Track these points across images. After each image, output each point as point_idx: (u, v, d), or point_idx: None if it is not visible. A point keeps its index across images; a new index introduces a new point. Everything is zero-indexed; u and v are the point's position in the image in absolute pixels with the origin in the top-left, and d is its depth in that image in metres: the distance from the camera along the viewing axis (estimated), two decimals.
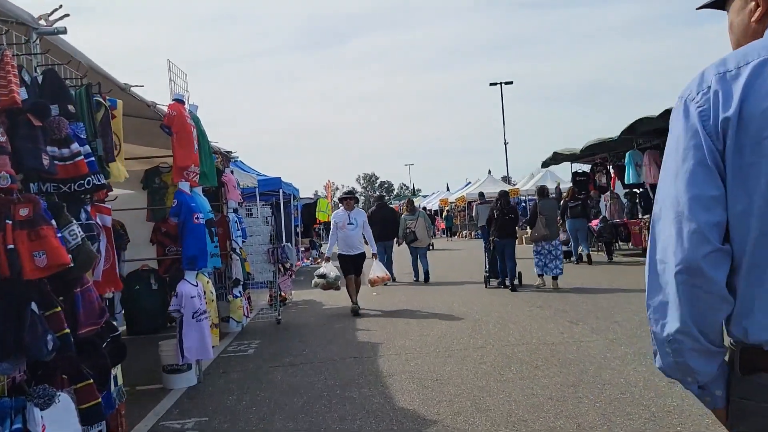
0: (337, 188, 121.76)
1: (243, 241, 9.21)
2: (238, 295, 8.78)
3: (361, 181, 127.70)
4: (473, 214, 28.70)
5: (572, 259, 16.27)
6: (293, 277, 12.14)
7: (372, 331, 8.66)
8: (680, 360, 1.43)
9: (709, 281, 1.36)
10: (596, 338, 7.35)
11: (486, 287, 12.54)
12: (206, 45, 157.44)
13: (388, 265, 14.00)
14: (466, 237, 35.73)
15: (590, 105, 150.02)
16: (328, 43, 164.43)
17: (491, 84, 45.54)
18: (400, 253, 15.52)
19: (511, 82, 46.51)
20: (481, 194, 23.86)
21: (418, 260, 14.61)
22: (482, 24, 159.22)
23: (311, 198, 24.51)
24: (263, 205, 10.43)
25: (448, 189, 56.46)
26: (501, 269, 12.13)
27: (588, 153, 18.36)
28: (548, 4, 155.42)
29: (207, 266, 6.54)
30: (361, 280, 10.71)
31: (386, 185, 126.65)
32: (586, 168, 19.88)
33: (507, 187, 34.35)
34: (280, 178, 15.93)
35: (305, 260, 21.58)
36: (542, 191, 12.79)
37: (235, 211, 9.09)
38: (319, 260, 21.97)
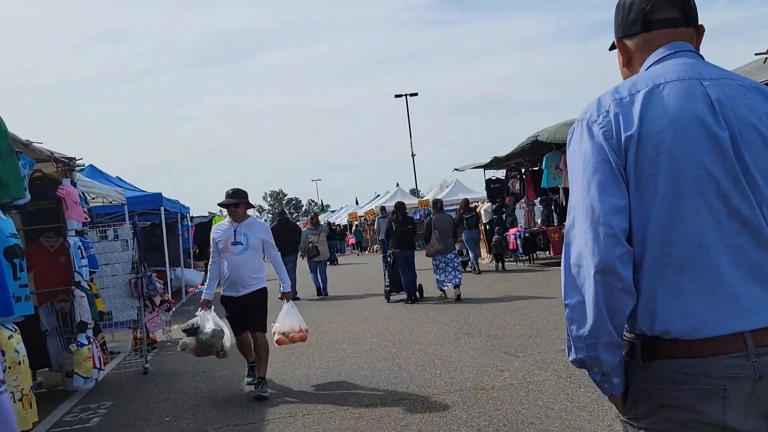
0: (260, 210, 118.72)
1: (92, 272, 7.08)
2: (85, 342, 6.67)
3: (269, 199, 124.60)
4: (375, 228, 27.73)
5: (467, 269, 16.07)
6: (171, 311, 10.01)
7: None
8: (592, 354, 1.58)
9: (622, 280, 1.53)
10: (545, 376, 5.75)
11: (388, 301, 12.18)
12: (90, 65, 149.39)
13: (292, 282, 13.02)
14: (377, 251, 34.13)
15: (490, 116, 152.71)
16: (228, 60, 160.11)
17: (396, 96, 44.68)
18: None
19: (416, 94, 45.84)
20: (382, 208, 23.26)
21: (318, 274, 14.61)
22: (384, 40, 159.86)
23: (205, 216, 22.19)
24: (120, 225, 8.22)
25: (357, 203, 55.14)
26: (404, 282, 11.92)
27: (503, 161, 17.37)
28: (445, 21, 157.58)
29: (8, 315, 4.48)
30: (263, 340, 6.33)
31: (294, 202, 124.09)
32: (501, 174, 18.66)
33: (416, 200, 33.28)
34: (160, 193, 13.74)
35: (199, 286, 19.22)
36: (436, 204, 12.67)
37: (80, 233, 6.97)
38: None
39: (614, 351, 1.58)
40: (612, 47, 1.87)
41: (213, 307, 6.48)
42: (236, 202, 6.42)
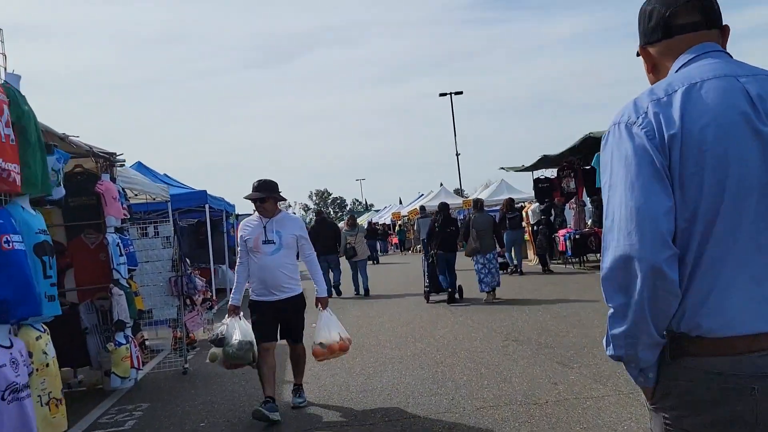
0: (288, 205, 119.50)
1: (131, 270, 6.91)
2: (123, 341, 6.49)
3: (314, 198, 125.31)
4: (414, 228, 27.47)
5: (508, 270, 15.79)
6: (213, 309, 9.84)
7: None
8: (632, 352, 1.60)
9: (670, 282, 1.52)
10: (604, 391, 5.31)
11: (427, 302, 11.95)
12: (152, 65, 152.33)
13: (336, 278, 14.29)
14: (419, 251, 33.73)
15: (537, 116, 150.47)
16: (277, 62, 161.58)
17: (441, 95, 44.29)
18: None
19: (460, 92, 45.30)
20: (422, 207, 23.13)
21: (359, 274, 14.50)
22: (429, 40, 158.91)
23: (250, 214, 22.13)
24: (161, 222, 8.02)
25: (400, 203, 54.84)
26: (443, 282, 11.79)
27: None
28: (491, 19, 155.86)
29: (36, 315, 4.27)
30: (301, 349, 5.80)
31: (339, 201, 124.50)
32: (550, 174, 18.08)
33: (459, 200, 32.76)
34: (205, 191, 13.64)
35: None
36: (476, 204, 12.50)
37: (120, 230, 6.80)
38: None
39: (653, 350, 1.61)
40: (638, 54, 1.86)
41: (241, 313, 5.74)
42: (263, 196, 5.60)
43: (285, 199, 6.05)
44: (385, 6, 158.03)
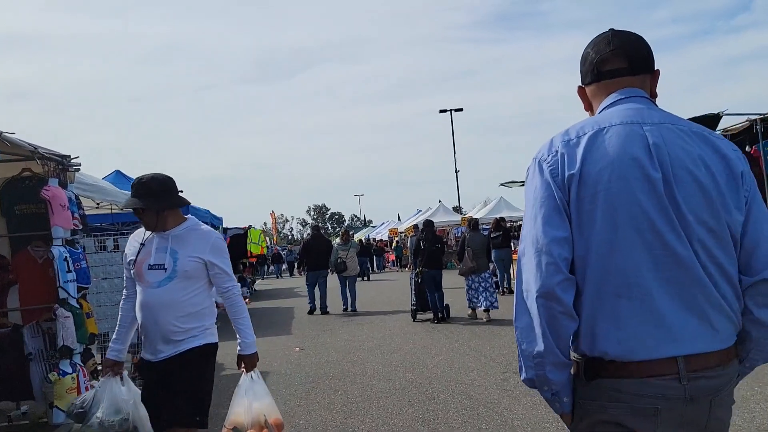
0: (286, 220, 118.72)
1: (82, 288, 6.05)
2: (69, 371, 5.66)
3: (312, 213, 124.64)
4: (408, 246, 26.94)
5: (500, 290, 15.19)
6: None
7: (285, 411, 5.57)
8: (540, 373, 1.71)
9: (562, 304, 1.66)
10: None
11: (413, 320, 11.77)
12: (149, 80, 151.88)
13: (322, 296, 14.13)
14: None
15: (537, 135, 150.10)
16: (278, 77, 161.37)
17: (441, 111, 43.74)
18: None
19: (460, 109, 44.78)
20: (415, 226, 22.74)
21: (347, 290, 14.34)
22: (430, 58, 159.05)
23: (240, 228, 21.29)
24: (122, 234, 7.16)
25: (399, 219, 54.01)
26: (431, 301, 11.51)
27: None
28: (492, 39, 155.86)
29: None
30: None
31: (337, 216, 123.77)
32: None
33: (458, 217, 31.96)
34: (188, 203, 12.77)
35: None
36: (471, 223, 12.39)
37: (71, 243, 5.96)
38: (248, 299, 18.74)
39: (560, 370, 1.71)
40: (578, 92, 2.02)
41: (125, 372, 3.84)
42: (141, 206, 3.53)
43: (188, 202, 3.93)
44: (386, 24, 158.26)
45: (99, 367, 6.46)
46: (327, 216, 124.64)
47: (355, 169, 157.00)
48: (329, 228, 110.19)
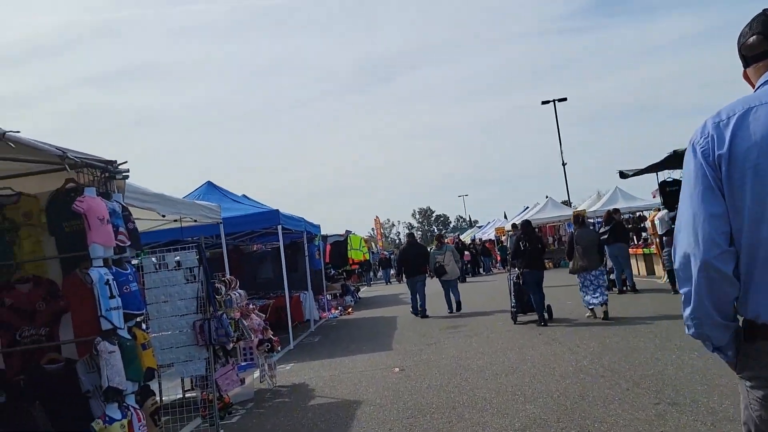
0: (392, 225, 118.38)
1: (132, 315, 5.07)
2: (117, 417, 4.69)
3: (417, 216, 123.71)
4: (507, 245, 25.71)
5: (614, 288, 14.17)
6: (274, 354, 7.91)
7: None
8: (700, 331, 1.96)
9: (722, 273, 1.85)
10: None
11: (514, 323, 11.24)
12: (257, 98, 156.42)
13: (422, 301, 14.25)
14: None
15: (645, 122, 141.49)
16: (377, 83, 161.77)
17: (543, 102, 41.47)
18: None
19: (564, 99, 42.31)
20: (514, 225, 21.72)
21: (450, 293, 14.36)
22: (527, 53, 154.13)
23: (341, 235, 20.42)
24: (182, 249, 6.15)
25: (505, 217, 51.94)
26: (534, 303, 10.94)
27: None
28: (592, 27, 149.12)
29: None
30: None
31: (442, 218, 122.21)
32: (680, 174, 15.11)
33: (569, 211, 29.74)
34: (277, 210, 11.89)
35: (333, 310, 17.33)
36: (577, 219, 11.79)
37: (118, 262, 5.01)
38: (351, 309, 17.78)
39: (720, 330, 1.93)
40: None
41: None
42: None
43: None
44: (481, 22, 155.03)
45: (160, 409, 5.48)
46: (432, 218, 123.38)
47: (457, 170, 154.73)
48: (435, 230, 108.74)
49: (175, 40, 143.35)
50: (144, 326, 5.65)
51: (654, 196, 28.46)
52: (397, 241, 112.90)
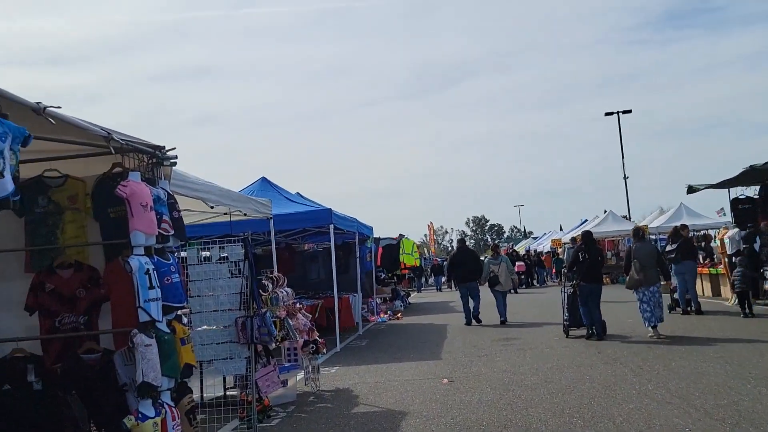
0: (445, 231, 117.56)
1: (173, 308, 4.82)
2: (150, 414, 4.47)
3: (471, 225, 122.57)
4: (563, 258, 24.99)
5: (678, 308, 13.50)
6: (319, 355, 7.62)
7: None
8: None
9: None
10: None
11: (566, 337, 10.89)
12: (316, 99, 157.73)
13: (475, 306, 14.13)
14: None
15: (712, 139, 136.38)
16: (435, 90, 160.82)
17: (607, 114, 40.49)
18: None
19: (629, 111, 41.27)
20: (573, 239, 21.26)
21: (501, 303, 14.17)
22: (593, 63, 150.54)
23: (393, 238, 20.09)
24: (228, 243, 5.88)
25: (561, 229, 50.66)
26: (587, 317, 10.61)
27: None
28: (659, 40, 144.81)
29: None
30: None
31: (496, 228, 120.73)
32: (753, 192, 14.22)
33: (629, 225, 28.65)
34: (330, 209, 11.63)
35: (382, 314, 17.00)
36: (637, 233, 11.34)
37: (161, 252, 4.79)
38: (400, 314, 17.42)
39: None
40: None
41: None
42: None
43: None
44: (544, 31, 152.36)
45: (196, 408, 5.20)
46: (486, 227, 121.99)
47: (514, 179, 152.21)
48: (488, 239, 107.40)
49: (239, 42, 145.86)
50: (185, 320, 5.42)
51: (719, 215, 27.26)
52: (449, 248, 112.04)
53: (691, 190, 16.05)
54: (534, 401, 6.50)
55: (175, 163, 5.21)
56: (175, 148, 5.20)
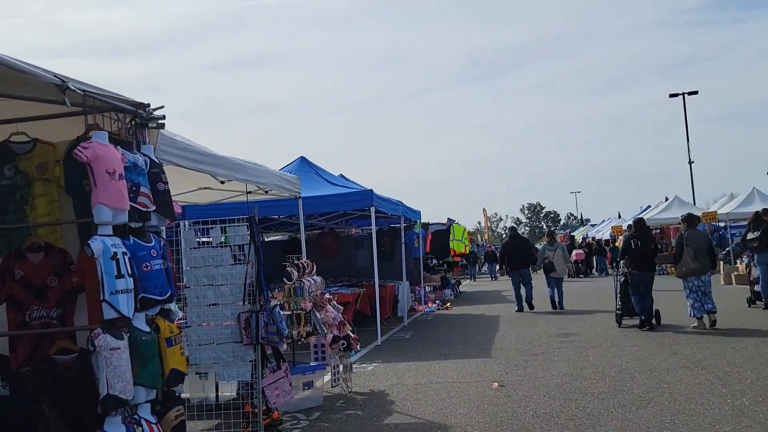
0: (500, 218, 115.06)
1: (156, 301, 3.86)
2: None
3: (526, 212, 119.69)
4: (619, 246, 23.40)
5: (758, 302, 12.09)
6: (353, 352, 6.60)
7: None
8: None
9: None
10: None
11: (619, 326, 10.60)
12: (371, 87, 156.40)
13: (528, 294, 13.98)
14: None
15: None
16: (491, 76, 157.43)
17: (672, 95, 38.21)
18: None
19: (695, 92, 38.87)
20: (629, 225, 19.90)
21: (555, 291, 13.99)
22: (654, 46, 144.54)
23: (443, 224, 18.93)
24: (231, 223, 4.84)
25: (619, 217, 48.43)
26: (641, 307, 10.27)
27: None
28: (725, 21, 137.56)
29: None
30: None
31: (552, 215, 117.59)
32: None
33: (698, 212, 26.64)
34: (371, 190, 10.57)
35: (430, 304, 15.91)
36: (689, 220, 10.65)
37: (140, 232, 3.83)
38: (449, 304, 16.30)
39: None
40: None
41: None
42: None
43: None
44: (605, 14, 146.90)
45: (184, 423, 4.21)
46: (542, 214, 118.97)
47: (571, 166, 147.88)
48: (544, 227, 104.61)
49: (296, 30, 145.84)
50: (179, 315, 4.47)
51: None
52: (504, 235, 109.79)
53: None
54: (602, 416, 5.32)
55: (162, 125, 4.24)
56: (163, 107, 4.24)
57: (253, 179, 6.02)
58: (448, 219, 19.67)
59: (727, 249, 22.97)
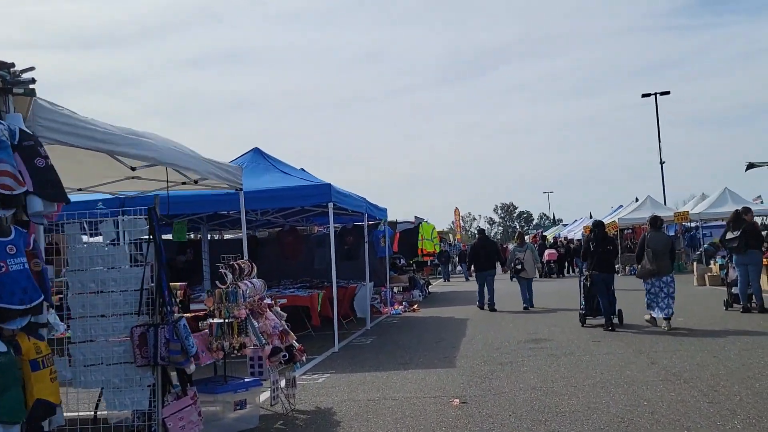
0: (473, 218, 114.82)
1: (32, 310, 2.99)
2: None
3: (499, 212, 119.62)
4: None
5: (736, 305, 11.61)
6: (298, 365, 5.77)
7: None
8: None
9: None
10: None
11: (582, 326, 10.66)
12: (349, 85, 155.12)
13: (490, 294, 14.17)
14: (619, 272, 27.47)
15: (757, 127, 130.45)
16: (467, 76, 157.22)
17: (644, 95, 37.96)
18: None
19: (667, 93, 38.66)
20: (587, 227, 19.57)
21: (525, 291, 14.19)
22: (627, 50, 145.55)
23: (411, 222, 18.16)
24: (126, 215, 3.99)
25: (590, 216, 48.19)
26: (603, 307, 10.36)
27: None
28: (697, 26, 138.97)
29: None
30: None
31: (525, 215, 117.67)
32: None
33: (670, 212, 26.25)
34: (329, 184, 9.72)
35: (397, 306, 15.12)
36: (654, 221, 10.79)
37: None
38: (417, 306, 15.52)
39: None
40: None
41: None
42: None
43: None
44: (577, 17, 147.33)
45: None
46: (515, 214, 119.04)
47: (544, 167, 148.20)
48: (517, 227, 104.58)
49: (273, 26, 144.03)
50: (60, 329, 3.59)
51: (757, 203, 24.78)
52: (476, 235, 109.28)
53: (751, 166, 13.88)
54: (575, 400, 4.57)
55: (32, 91, 3.35)
56: (33, 68, 3.35)
57: (178, 164, 5.12)
58: (416, 217, 18.90)
59: (699, 250, 22.56)
